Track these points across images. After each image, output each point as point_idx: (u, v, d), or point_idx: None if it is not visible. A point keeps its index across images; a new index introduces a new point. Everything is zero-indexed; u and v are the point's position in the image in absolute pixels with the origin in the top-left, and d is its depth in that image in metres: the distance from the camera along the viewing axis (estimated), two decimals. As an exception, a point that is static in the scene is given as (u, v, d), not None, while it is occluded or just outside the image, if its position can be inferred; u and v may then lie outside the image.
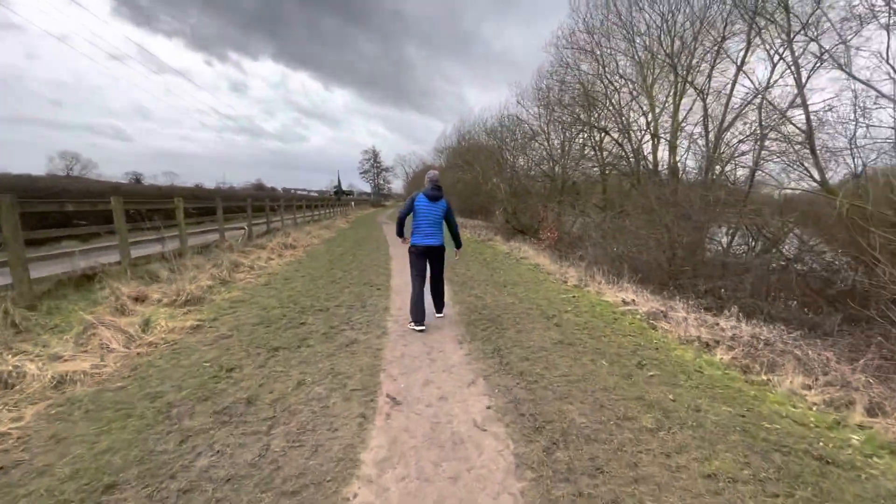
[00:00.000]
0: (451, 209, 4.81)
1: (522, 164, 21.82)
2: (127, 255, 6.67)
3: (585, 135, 16.95)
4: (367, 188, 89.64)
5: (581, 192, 18.73)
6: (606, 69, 13.26)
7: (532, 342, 4.20)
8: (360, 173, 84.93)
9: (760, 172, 9.81)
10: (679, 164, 12.78)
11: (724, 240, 11.50)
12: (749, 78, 10.53)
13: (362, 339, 4.24)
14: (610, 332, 4.65)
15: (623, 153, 14.35)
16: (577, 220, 15.72)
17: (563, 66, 14.82)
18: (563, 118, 16.94)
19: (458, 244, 5.17)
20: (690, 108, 12.49)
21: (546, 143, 20.30)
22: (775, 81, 9.64)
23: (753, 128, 10.23)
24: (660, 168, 13.45)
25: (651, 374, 3.50)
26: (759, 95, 9.50)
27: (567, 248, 12.37)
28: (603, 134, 16.61)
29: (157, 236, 7.70)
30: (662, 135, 13.17)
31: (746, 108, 10.60)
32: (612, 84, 13.32)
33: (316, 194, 73.78)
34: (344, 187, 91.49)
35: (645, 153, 14.29)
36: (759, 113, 9.66)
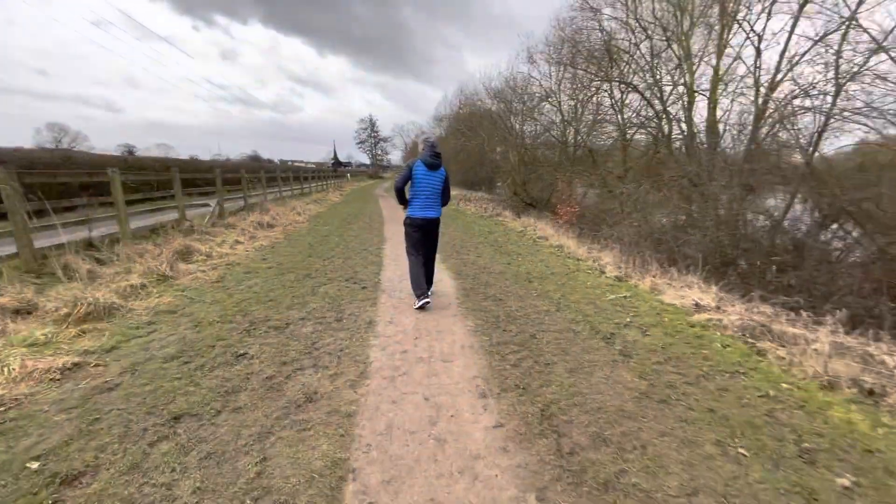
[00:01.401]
0: (448, 178, 4.42)
1: (531, 129, 19.82)
2: (27, 245, 5.02)
3: (605, 93, 14.93)
4: (365, 159, 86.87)
5: (597, 160, 16.85)
6: (638, 10, 11.16)
7: (598, 396, 2.62)
8: (357, 143, 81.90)
9: (836, 130, 8.00)
10: (721, 124, 10.92)
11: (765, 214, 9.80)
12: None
13: (326, 390, 2.65)
14: (706, 364, 3.07)
15: (652, 112, 12.43)
16: (597, 191, 13.95)
17: (585, 8, 12.67)
18: (581, 73, 14.87)
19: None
20: (737, 56, 10.51)
21: (558, 105, 18.26)
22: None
23: (821, 74, 8.34)
24: (696, 129, 11.58)
25: (846, 481, 1.93)
26: (846, 24, 7.55)
27: (589, 225, 10.69)
28: (626, 91, 14.60)
29: (79, 218, 6.03)
30: (700, 89, 11.24)
31: (812, 52, 8.66)
32: (644, 30, 11.28)
33: (314, 166, 71.39)
34: (342, 158, 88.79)
35: (673, 113, 12.37)
36: (841, 45, 7.73)
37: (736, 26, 10.20)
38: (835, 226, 7.94)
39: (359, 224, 10.78)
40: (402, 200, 4.42)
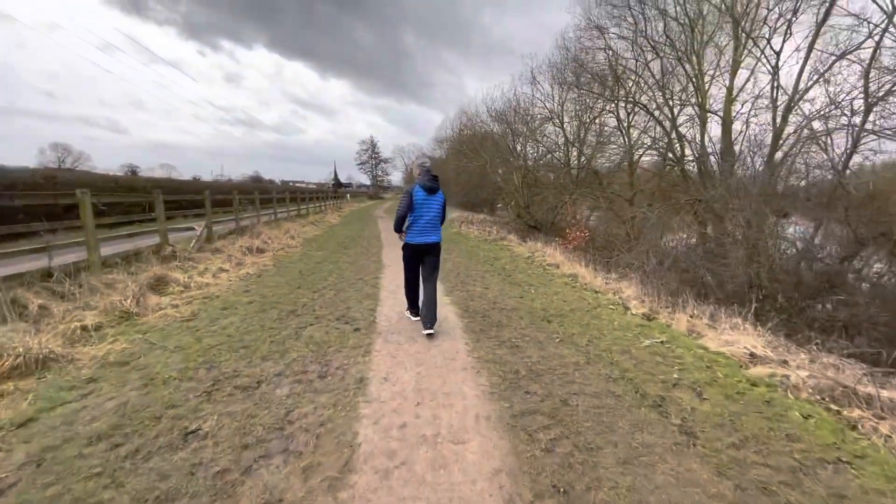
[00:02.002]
0: (445, 201, 4.30)
1: (533, 151, 19.42)
2: (-33, 277, 4.34)
3: (611, 114, 14.54)
4: (365, 180, 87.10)
5: (603, 181, 16.34)
6: (647, 29, 10.82)
7: (669, 504, 1.91)
8: (358, 164, 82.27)
9: (868, 148, 7.45)
10: (736, 145, 10.41)
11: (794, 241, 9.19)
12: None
13: (295, 497, 1.94)
14: (795, 449, 2.36)
15: (662, 132, 11.97)
16: (605, 214, 13.37)
17: (591, 27, 12.35)
18: (585, 92, 14.52)
19: None
20: (751, 74, 10.10)
21: (561, 126, 17.90)
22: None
23: (849, 91, 7.84)
24: (709, 151, 11.08)
25: None
26: (880, 30, 7.08)
27: (601, 251, 10.05)
28: (632, 112, 14.21)
29: (41, 245, 5.35)
30: (712, 109, 10.78)
31: (837, 67, 8.21)
32: (653, 48, 10.90)
33: (314, 186, 71.40)
34: (343, 179, 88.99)
35: (685, 134, 11.89)
36: (872, 57, 7.25)
37: (750, 43, 9.81)
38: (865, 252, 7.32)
39: (356, 249, 10.13)
40: (400, 228, 4.24)
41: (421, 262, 4.30)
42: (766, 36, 9.34)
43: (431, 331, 4.09)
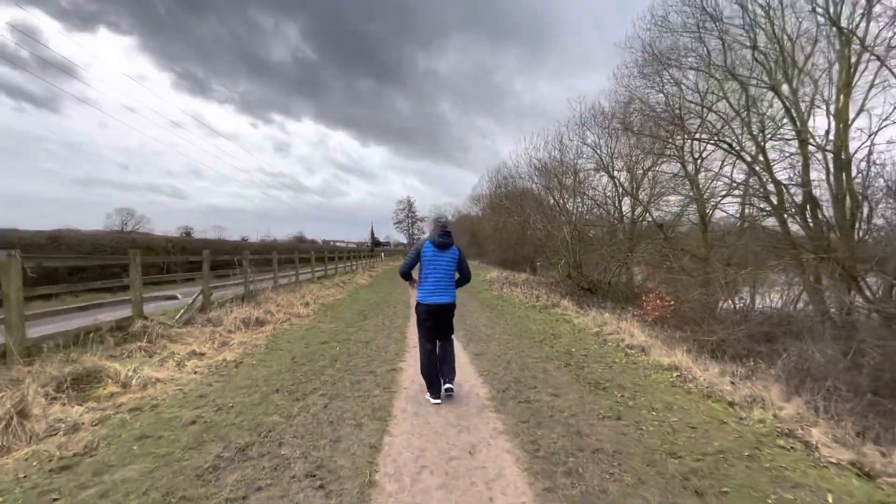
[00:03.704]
0: (464, 256, 4.06)
1: (580, 205, 17.54)
2: None
3: (675, 158, 12.59)
4: (402, 238, 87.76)
5: (668, 234, 14.00)
6: (727, 57, 9.00)
7: None
8: (395, 223, 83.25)
9: None
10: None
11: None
12: None
13: None
14: None
15: (750, 173, 9.80)
16: (661, 273, 10.99)
17: (649, 62, 10.76)
18: (644, 136, 12.76)
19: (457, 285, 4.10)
20: (868, 93, 7.97)
21: (612, 177, 16.07)
22: None
23: None
24: (817, 196, 8.75)
25: None
26: None
27: (690, 327, 7.64)
28: (699, 155, 12.20)
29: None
30: (819, 143, 8.58)
31: None
32: (732, 76, 9.05)
33: (354, 245, 72.46)
34: (381, 238, 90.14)
35: (778, 178, 9.64)
36: None
37: (866, 56, 7.80)
38: None
39: (377, 320, 8.29)
40: (409, 279, 4.10)
41: (434, 327, 3.95)
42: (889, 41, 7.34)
43: (441, 399, 3.80)
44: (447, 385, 3.90)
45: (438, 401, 3.77)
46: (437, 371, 3.88)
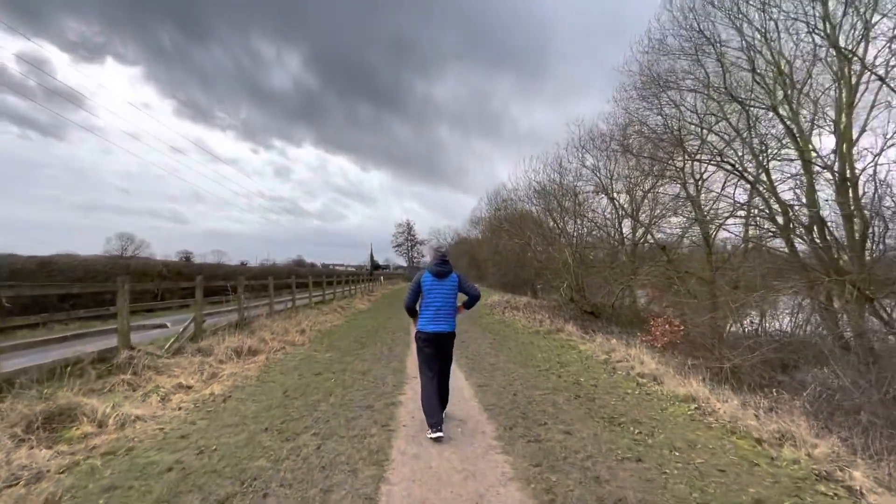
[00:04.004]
0: (465, 279, 4.01)
1: (580, 227, 17.40)
2: None
3: (676, 181, 12.52)
4: (402, 262, 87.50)
5: (670, 256, 13.79)
6: (726, 80, 9.00)
7: None
8: (394, 247, 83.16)
9: None
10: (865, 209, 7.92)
11: None
12: None
13: None
14: None
15: (754, 195, 9.68)
16: (690, 299, 10.72)
17: (649, 85, 10.77)
18: (643, 158, 12.73)
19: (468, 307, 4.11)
20: (870, 112, 7.90)
21: (611, 199, 16.00)
22: None
23: None
24: (823, 216, 8.59)
25: None
26: None
27: (702, 352, 7.33)
28: (700, 177, 12.12)
29: None
30: (826, 163, 8.47)
31: None
32: (731, 96, 9.00)
33: (354, 268, 72.14)
34: (380, 261, 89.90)
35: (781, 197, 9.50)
36: None
37: (867, 76, 7.78)
38: None
39: (375, 348, 7.96)
40: (414, 315, 4.02)
41: (434, 355, 3.89)
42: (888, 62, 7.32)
43: (440, 434, 3.54)
44: (436, 433, 3.57)
45: (440, 434, 3.54)
46: (438, 401, 3.75)
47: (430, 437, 3.52)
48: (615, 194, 16.33)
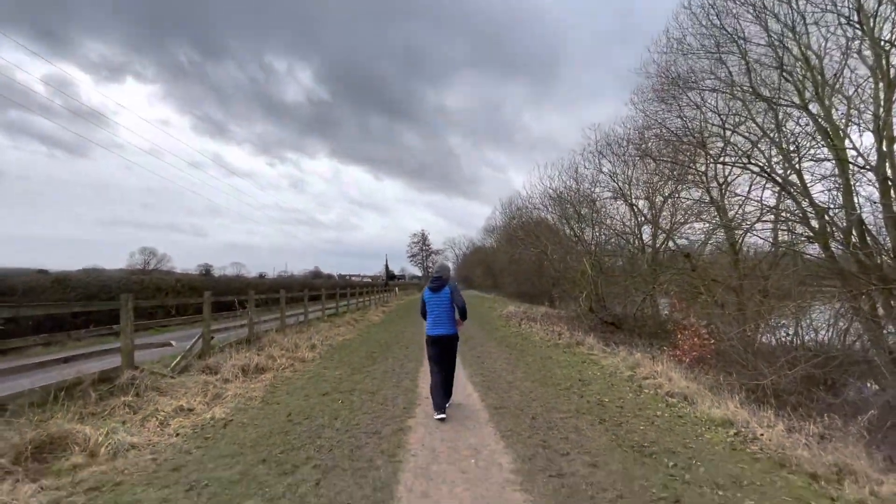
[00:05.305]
0: (456, 290, 4.81)
1: (598, 235, 16.90)
2: None
3: (700, 185, 12.00)
4: (417, 272, 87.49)
5: (693, 263, 13.19)
6: (751, 78, 8.51)
7: None
8: (409, 257, 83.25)
9: None
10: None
11: None
12: None
13: None
14: None
15: (784, 197, 9.13)
16: (715, 310, 10.13)
17: (668, 86, 10.39)
18: (664, 162, 12.26)
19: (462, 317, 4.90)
20: None
21: (631, 205, 15.51)
22: None
23: None
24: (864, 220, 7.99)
25: None
26: None
27: (737, 368, 6.81)
28: (724, 180, 11.57)
29: None
30: (874, 164, 7.88)
31: None
32: (757, 94, 8.50)
33: (370, 279, 72.33)
34: (396, 271, 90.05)
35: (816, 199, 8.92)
36: None
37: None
38: None
39: (386, 364, 7.66)
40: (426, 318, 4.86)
41: (439, 353, 4.66)
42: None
43: (444, 415, 4.38)
44: (441, 415, 4.40)
45: (444, 415, 4.38)
46: (443, 391, 4.55)
47: (437, 419, 4.37)
48: (634, 200, 15.87)
